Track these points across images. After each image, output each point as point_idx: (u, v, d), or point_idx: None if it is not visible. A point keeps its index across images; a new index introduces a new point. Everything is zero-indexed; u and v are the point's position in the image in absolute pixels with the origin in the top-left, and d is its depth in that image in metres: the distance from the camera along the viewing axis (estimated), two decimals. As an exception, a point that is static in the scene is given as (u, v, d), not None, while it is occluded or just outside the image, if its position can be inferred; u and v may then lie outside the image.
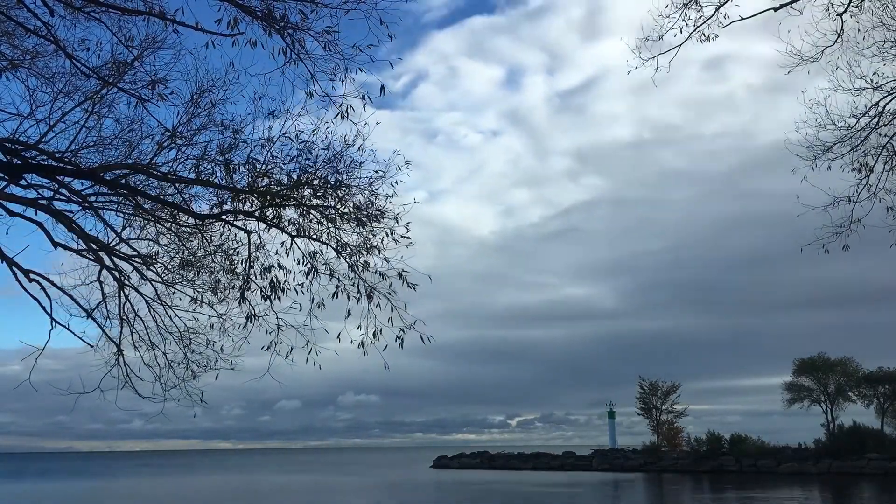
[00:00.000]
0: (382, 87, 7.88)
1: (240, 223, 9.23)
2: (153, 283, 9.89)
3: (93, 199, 9.33)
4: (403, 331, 8.65)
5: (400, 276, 8.76)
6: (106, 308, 9.90)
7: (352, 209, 8.99)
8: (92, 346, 9.72)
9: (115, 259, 9.63)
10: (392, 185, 8.95)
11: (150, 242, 9.85)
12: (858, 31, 9.38)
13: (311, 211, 8.96)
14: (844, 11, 9.23)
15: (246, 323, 9.27)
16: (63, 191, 9.02)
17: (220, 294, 9.75)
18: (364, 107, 8.02)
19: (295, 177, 8.81)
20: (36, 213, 8.83)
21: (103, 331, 9.81)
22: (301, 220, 9.01)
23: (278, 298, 9.12)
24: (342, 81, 7.75)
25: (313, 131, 8.67)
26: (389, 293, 8.79)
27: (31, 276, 8.99)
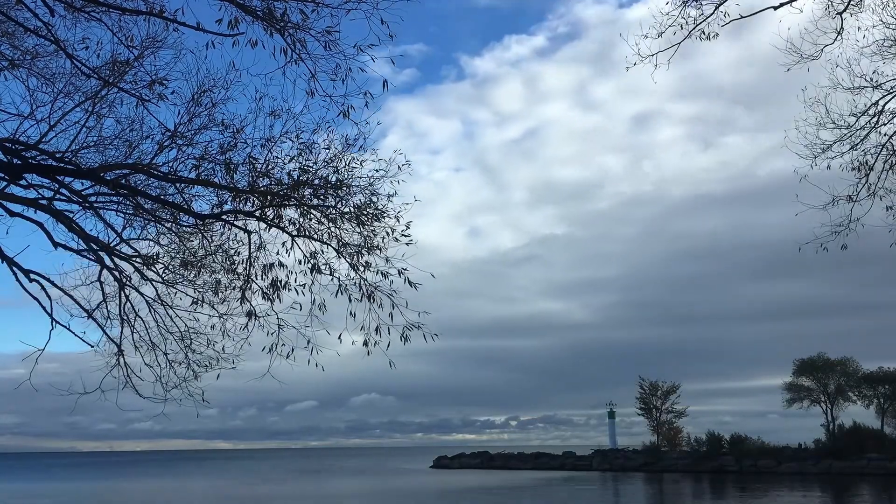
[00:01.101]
0: (385, 82, 7.89)
1: (240, 223, 9.23)
2: (154, 283, 9.88)
3: (93, 199, 9.32)
4: (408, 329, 8.66)
5: (400, 273, 8.77)
6: (106, 308, 9.90)
7: (352, 209, 9.00)
8: (92, 347, 9.72)
9: (115, 259, 9.63)
10: (395, 182, 8.96)
11: (151, 242, 9.84)
12: (858, 29, 9.39)
13: (312, 211, 8.96)
14: (844, 10, 9.24)
15: (247, 323, 9.27)
16: (63, 191, 9.02)
17: (220, 294, 9.74)
18: (366, 104, 8.02)
19: (295, 176, 8.81)
20: (36, 213, 8.84)
21: (104, 331, 9.82)
22: (302, 220, 9.00)
23: (279, 299, 9.12)
24: (343, 81, 7.76)
25: (314, 131, 8.69)
26: (391, 293, 8.80)
27: (32, 276, 8.98)
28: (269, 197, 8.80)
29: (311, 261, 9.00)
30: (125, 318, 9.93)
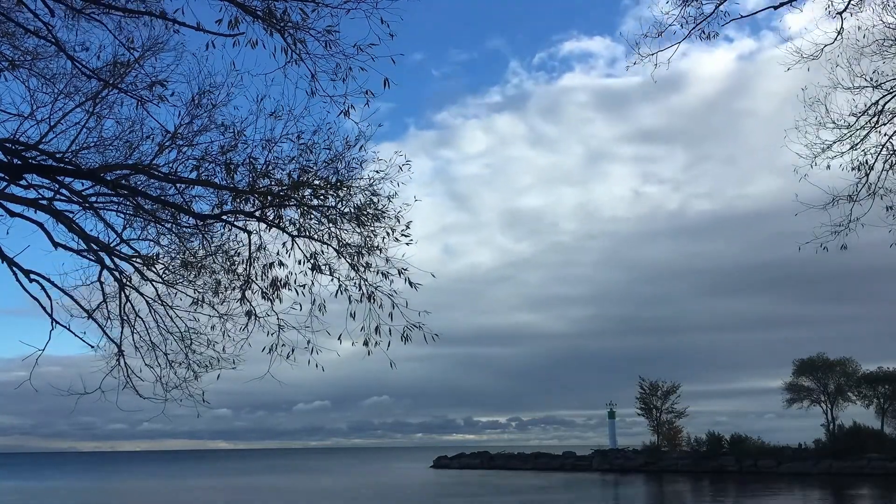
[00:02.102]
0: (386, 81, 7.88)
1: (240, 223, 9.24)
2: (154, 283, 9.87)
3: (93, 199, 9.32)
4: (408, 329, 8.67)
5: (400, 273, 8.77)
6: (107, 309, 9.89)
7: (353, 209, 9.00)
8: (93, 347, 9.72)
9: (115, 259, 9.63)
10: (396, 183, 8.96)
11: (151, 243, 9.84)
12: (858, 29, 9.40)
13: (312, 211, 8.96)
14: (844, 9, 9.24)
15: (247, 323, 9.27)
16: (63, 191, 9.02)
17: (220, 294, 9.74)
18: (367, 103, 8.01)
19: (296, 177, 8.81)
20: (36, 214, 8.84)
21: (104, 331, 9.81)
22: (302, 221, 9.01)
23: (279, 299, 9.12)
24: (343, 81, 7.75)
25: (314, 131, 8.69)
26: (391, 293, 8.80)
27: (32, 276, 8.98)
28: (269, 197, 8.80)
29: (311, 261, 9.00)
30: (125, 318, 9.92)
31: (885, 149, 9.92)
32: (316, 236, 9.03)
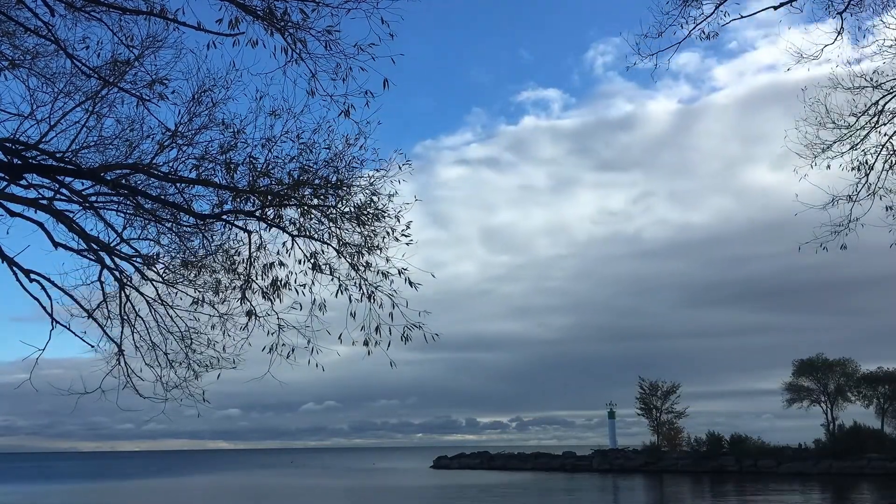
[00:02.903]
0: (385, 81, 7.88)
1: (240, 223, 9.24)
2: (154, 283, 9.87)
3: (93, 199, 9.32)
4: (408, 329, 8.67)
5: (400, 273, 8.77)
6: (107, 308, 9.88)
7: (353, 208, 9.00)
8: (93, 347, 9.72)
9: (115, 259, 9.62)
10: (396, 182, 8.96)
11: (151, 242, 9.84)
12: (859, 29, 9.40)
13: (312, 210, 8.96)
14: (845, 10, 9.25)
15: (247, 322, 9.27)
16: (64, 191, 9.01)
17: (221, 294, 9.74)
18: (367, 104, 8.01)
19: (296, 176, 8.81)
20: (36, 213, 8.83)
21: (104, 331, 9.80)
22: (302, 220, 9.00)
23: (279, 298, 9.12)
24: (343, 80, 7.75)
25: (314, 130, 8.69)
26: (392, 293, 8.80)
27: (32, 276, 8.98)
28: (269, 197, 8.79)
29: (312, 260, 9.00)
30: (125, 318, 9.92)
31: (884, 149, 9.92)
32: (316, 236, 9.03)
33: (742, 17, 9.46)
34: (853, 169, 10.04)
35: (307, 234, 9.02)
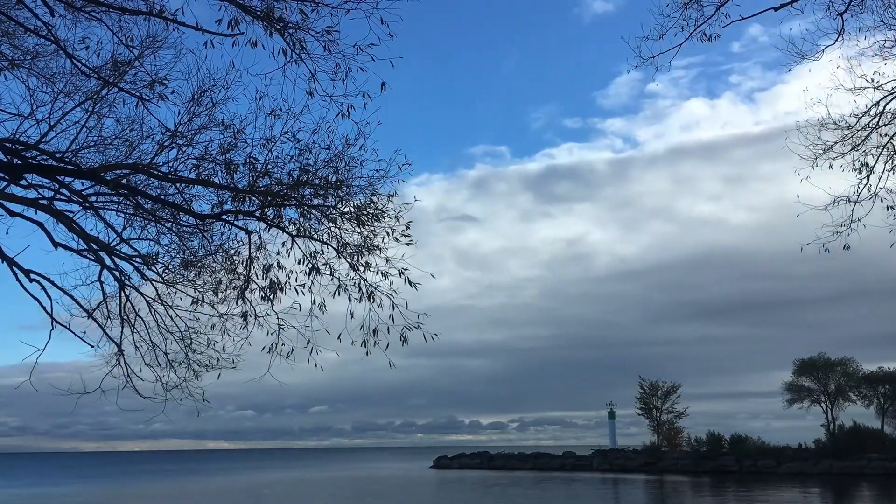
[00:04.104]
0: (383, 84, 7.88)
1: (240, 223, 9.23)
2: (154, 283, 9.87)
3: (93, 199, 9.31)
4: (407, 329, 8.67)
5: (400, 273, 8.77)
6: (107, 308, 9.88)
7: (352, 209, 8.99)
8: (92, 347, 9.72)
9: (115, 259, 9.62)
10: (397, 182, 8.96)
11: (151, 242, 9.84)
12: (859, 30, 9.39)
13: (312, 210, 8.95)
14: (845, 10, 9.23)
15: (245, 323, 9.26)
16: (63, 191, 9.01)
17: (220, 294, 9.73)
18: (365, 105, 8.01)
19: (295, 176, 8.80)
20: (36, 213, 8.83)
21: (104, 331, 9.80)
22: (302, 220, 9.00)
23: (279, 299, 9.11)
24: (343, 81, 7.75)
25: (314, 131, 8.68)
26: (391, 293, 8.80)
27: (32, 276, 8.98)
28: (269, 197, 8.79)
29: (311, 261, 9.00)
30: (125, 317, 9.92)
31: (885, 150, 9.91)
32: (316, 236, 9.03)
33: (743, 18, 9.44)
34: (854, 170, 10.04)
35: (307, 234, 9.02)
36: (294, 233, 9.00)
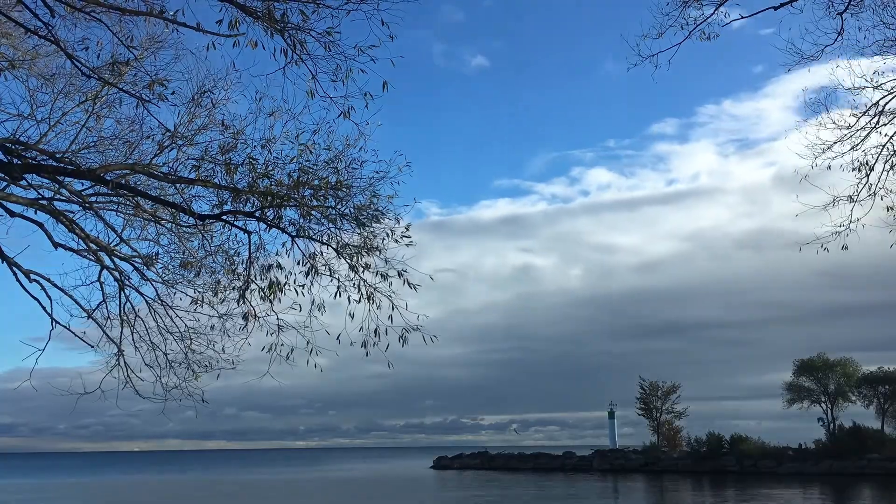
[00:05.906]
0: (385, 84, 7.87)
1: (240, 223, 9.23)
2: (154, 283, 9.88)
3: (93, 199, 9.33)
4: (406, 331, 8.67)
5: (400, 275, 8.77)
6: (106, 308, 9.90)
7: (352, 210, 8.99)
8: (92, 347, 9.73)
9: (115, 259, 9.63)
10: (395, 183, 8.96)
11: (151, 243, 9.85)
12: (859, 29, 9.39)
13: (312, 211, 8.95)
14: (845, 10, 9.24)
15: (246, 324, 9.26)
16: (63, 191, 9.02)
17: (220, 294, 9.73)
18: (366, 106, 8.01)
19: (295, 177, 8.80)
20: (36, 214, 8.84)
21: (104, 331, 9.81)
22: (301, 221, 9.00)
23: (278, 300, 9.11)
24: (343, 82, 7.75)
25: (314, 131, 8.68)
26: (391, 294, 8.80)
27: (32, 276, 8.99)
28: (269, 197, 8.79)
29: (310, 262, 9.00)
30: (125, 318, 9.93)
31: (885, 149, 9.92)
32: (315, 237, 9.03)
33: (742, 17, 9.45)
34: (854, 169, 10.04)
35: (307, 235, 9.02)
36: (294, 233, 9.01)
